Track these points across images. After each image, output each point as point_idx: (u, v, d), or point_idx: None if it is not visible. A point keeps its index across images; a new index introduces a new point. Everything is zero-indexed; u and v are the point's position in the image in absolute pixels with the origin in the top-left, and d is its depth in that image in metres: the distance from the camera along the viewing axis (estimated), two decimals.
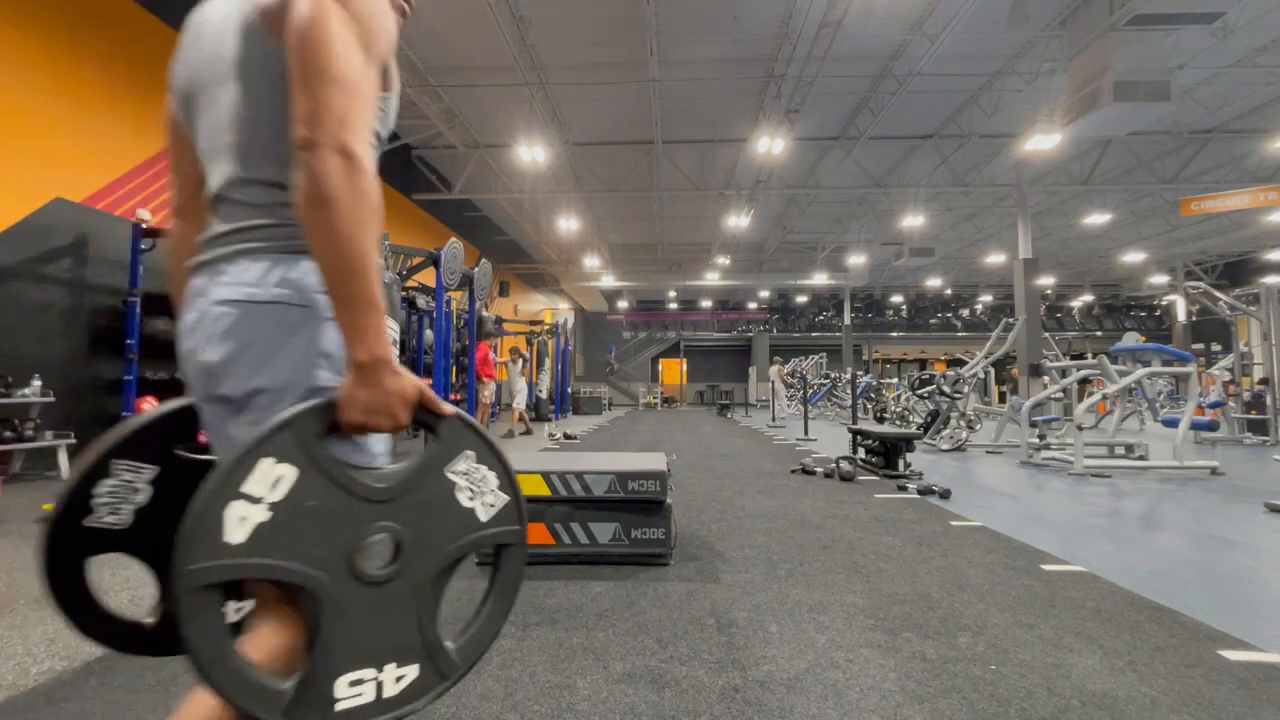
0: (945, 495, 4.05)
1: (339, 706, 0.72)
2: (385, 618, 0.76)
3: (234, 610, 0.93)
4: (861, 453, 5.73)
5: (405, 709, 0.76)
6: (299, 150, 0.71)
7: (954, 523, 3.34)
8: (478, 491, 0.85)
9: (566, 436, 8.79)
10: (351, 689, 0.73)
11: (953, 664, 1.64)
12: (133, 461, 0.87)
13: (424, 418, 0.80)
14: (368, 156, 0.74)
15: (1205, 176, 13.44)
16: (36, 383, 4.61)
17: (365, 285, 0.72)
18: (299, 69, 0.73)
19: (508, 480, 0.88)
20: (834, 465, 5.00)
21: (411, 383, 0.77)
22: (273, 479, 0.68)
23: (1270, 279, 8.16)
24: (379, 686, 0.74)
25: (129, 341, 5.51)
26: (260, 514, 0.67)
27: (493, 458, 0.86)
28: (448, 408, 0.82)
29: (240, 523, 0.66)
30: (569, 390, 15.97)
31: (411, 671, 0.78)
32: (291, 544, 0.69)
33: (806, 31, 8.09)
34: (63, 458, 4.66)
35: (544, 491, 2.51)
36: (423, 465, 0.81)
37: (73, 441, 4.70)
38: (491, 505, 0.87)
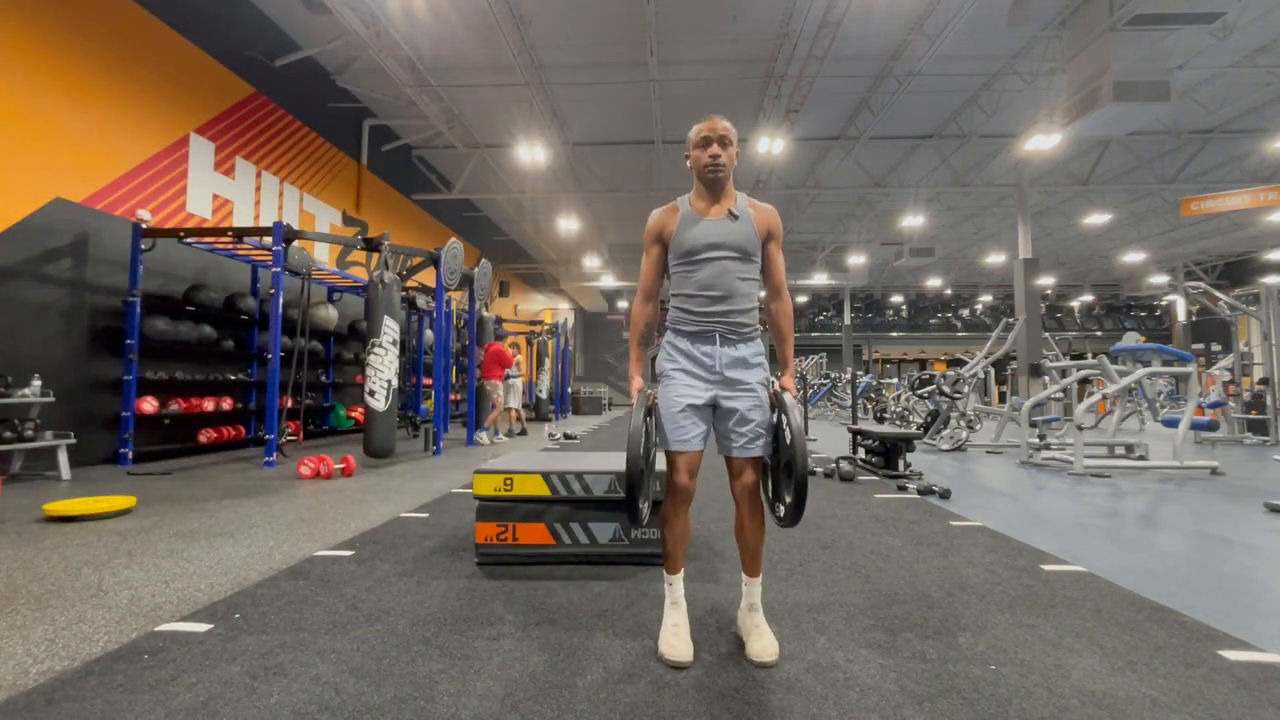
0: (945, 495, 4.05)
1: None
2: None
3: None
4: (861, 453, 5.73)
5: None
6: None
7: (954, 523, 3.33)
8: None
9: (566, 436, 8.79)
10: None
11: (953, 664, 1.64)
12: None
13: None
14: (638, 297, 1.95)
15: (1205, 176, 13.44)
16: (36, 383, 4.60)
17: (630, 350, 1.93)
18: None
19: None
20: (834, 465, 5.00)
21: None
22: None
23: (1270, 279, 8.16)
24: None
25: (129, 341, 5.52)
26: None
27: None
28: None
29: None
30: (569, 390, 15.97)
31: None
32: None
33: (806, 31, 8.09)
34: (63, 458, 4.65)
35: (544, 491, 2.51)
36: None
37: (72, 441, 4.70)
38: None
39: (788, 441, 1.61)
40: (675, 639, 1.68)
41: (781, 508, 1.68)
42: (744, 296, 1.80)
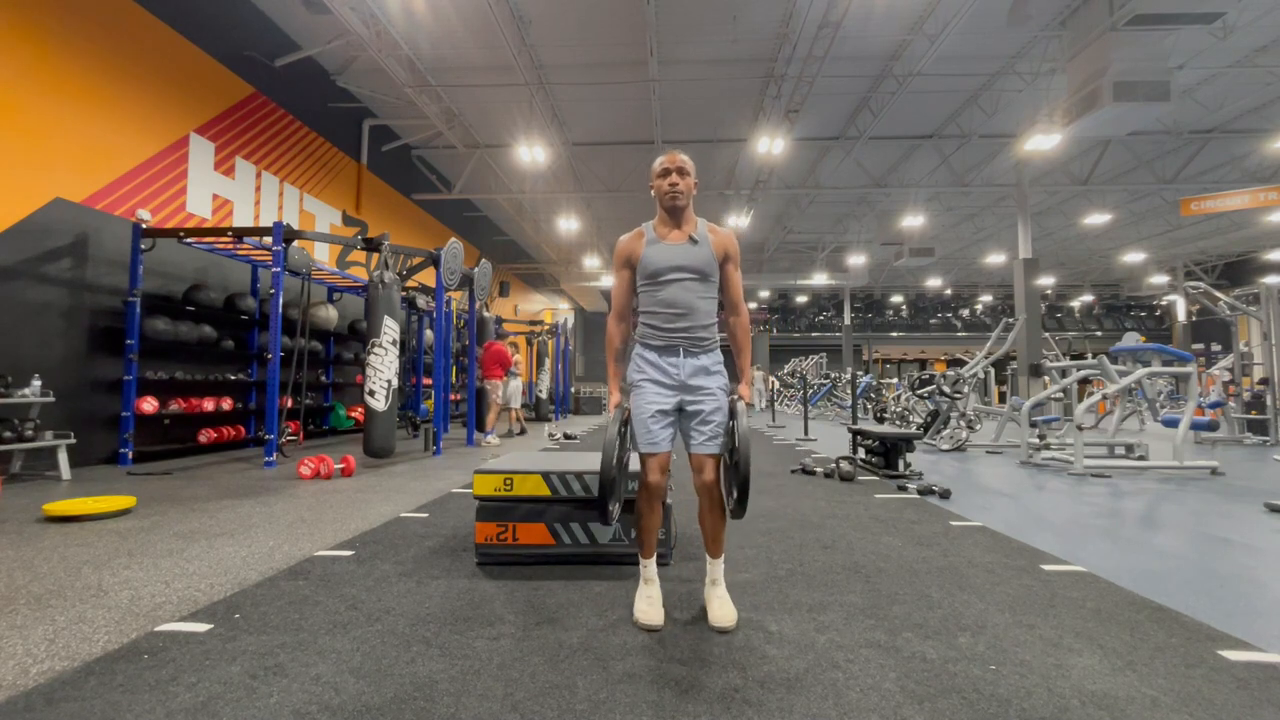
0: (945, 495, 4.05)
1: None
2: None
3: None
4: (861, 453, 5.73)
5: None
6: None
7: (954, 523, 3.33)
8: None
9: (566, 436, 8.79)
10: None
11: (953, 664, 1.64)
12: None
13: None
14: (611, 316, 2.10)
15: (1205, 176, 13.44)
16: (36, 383, 4.60)
17: (608, 366, 2.12)
18: None
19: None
20: (834, 465, 5.00)
21: None
22: None
23: (1270, 279, 8.15)
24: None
25: (129, 341, 5.52)
26: None
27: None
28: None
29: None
30: (569, 390, 15.97)
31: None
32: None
33: (806, 31, 8.09)
34: (63, 458, 4.65)
35: (544, 491, 2.51)
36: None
37: (72, 441, 4.70)
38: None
39: (736, 444, 1.81)
40: (649, 607, 1.93)
41: (731, 501, 1.86)
42: (704, 313, 1.99)
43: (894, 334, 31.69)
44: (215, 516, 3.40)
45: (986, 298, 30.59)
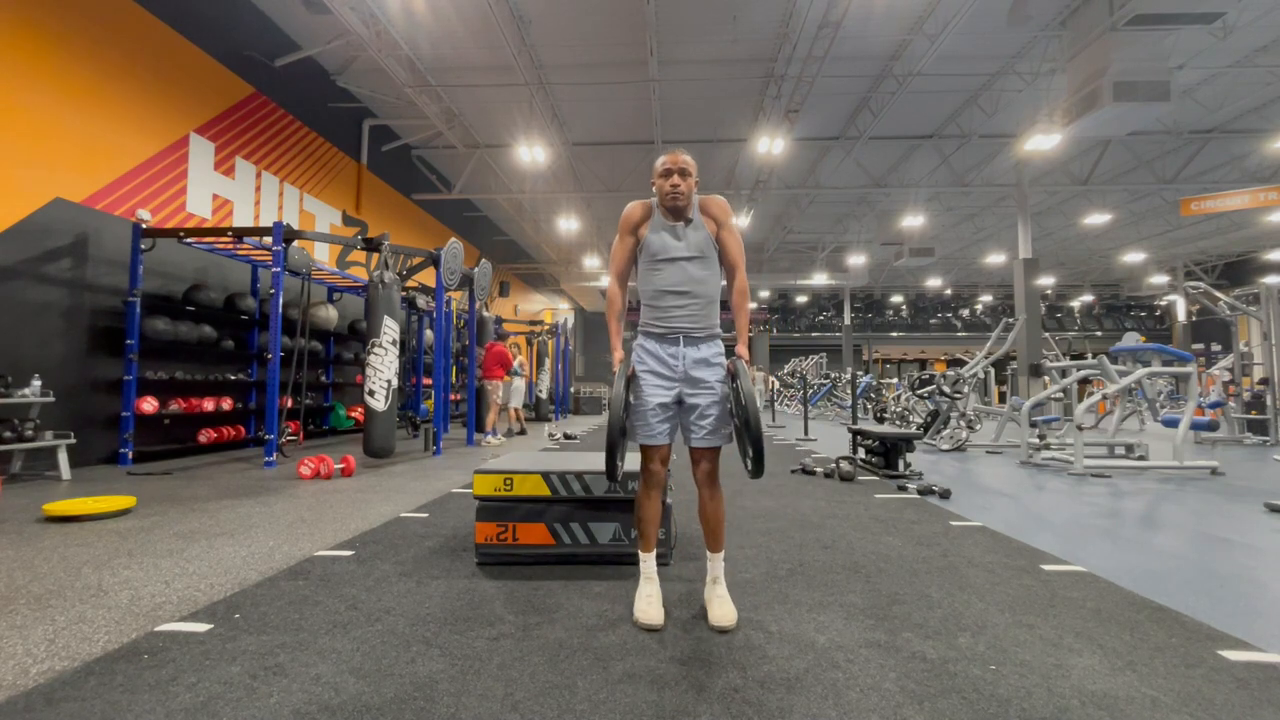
0: (945, 495, 4.05)
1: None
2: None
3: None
4: (861, 453, 5.73)
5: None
6: None
7: (954, 523, 3.33)
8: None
9: (566, 436, 8.79)
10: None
11: (953, 664, 1.64)
12: None
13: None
14: (612, 279, 2.10)
15: (1205, 176, 13.44)
16: (36, 383, 4.60)
17: (609, 325, 2.12)
18: None
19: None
20: (834, 465, 5.00)
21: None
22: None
23: (1270, 279, 8.15)
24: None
25: (129, 341, 5.52)
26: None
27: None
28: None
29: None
30: (569, 390, 15.97)
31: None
32: None
33: (806, 31, 8.09)
34: (63, 458, 4.65)
35: (544, 491, 2.51)
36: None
37: (72, 441, 4.70)
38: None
39: (742, 404, 1.82)
40: (649, 606, 1.92)
41: (749, 461, 1.87)
42: (704, 295, 2.02)
43: (894, 334, 31.69)
44: (215, 516, 3.40)
45: (986, 298, 30.58)
